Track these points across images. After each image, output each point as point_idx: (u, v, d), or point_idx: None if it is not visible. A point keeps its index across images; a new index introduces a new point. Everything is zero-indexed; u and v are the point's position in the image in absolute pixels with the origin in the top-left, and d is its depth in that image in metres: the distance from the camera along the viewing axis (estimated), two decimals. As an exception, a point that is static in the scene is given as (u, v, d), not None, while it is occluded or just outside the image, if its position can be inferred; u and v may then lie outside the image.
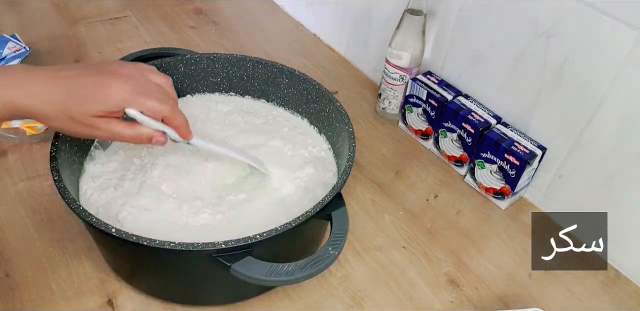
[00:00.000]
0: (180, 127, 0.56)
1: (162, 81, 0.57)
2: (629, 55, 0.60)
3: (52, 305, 0.64)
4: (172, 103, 0.55)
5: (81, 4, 1.16)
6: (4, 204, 0.74)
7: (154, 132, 0.55)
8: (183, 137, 0.58)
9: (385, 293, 0.68)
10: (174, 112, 0.55)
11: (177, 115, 0.56)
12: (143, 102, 0.53)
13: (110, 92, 0.51)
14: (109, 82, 0.52)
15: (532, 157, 0.72)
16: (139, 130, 0.54)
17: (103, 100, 0.51)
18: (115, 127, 0.53)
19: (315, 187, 0.67)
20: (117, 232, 0.52)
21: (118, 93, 0.51)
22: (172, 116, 0.55)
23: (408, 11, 0.79)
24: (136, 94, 0.52)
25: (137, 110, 0.53)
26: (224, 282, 0.59)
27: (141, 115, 0.53)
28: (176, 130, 0.56)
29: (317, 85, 0.72)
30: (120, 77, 0.52)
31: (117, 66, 0.54)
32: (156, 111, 0.54)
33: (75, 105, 0.51)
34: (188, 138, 0.58)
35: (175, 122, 0.56)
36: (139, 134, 0.54)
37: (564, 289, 0.70)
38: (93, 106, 0.51)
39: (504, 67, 0.75)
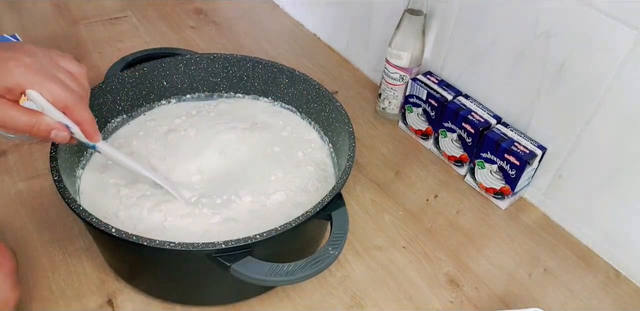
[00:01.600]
0: (83, 122, 0.49)
1: (76, 70, 0.51)
2: (629, 55, 0.60)
3: (52, 305, 0.64)
4: (79, 94, 0.49)
5: (81, 4, 1.16)
6: (4, 204, 0.74)
7: (55, 123, 0.48)
8: (87, 137, 0.51)
9: (385, 293, 0.68)
10: (79, 104, 0.49)
11: (81, 109, 0.49)
12: (43, 84, 0.46)
13: (7, 65, 0.45)
14: (9, 55, 0.46)
15: (532, 157, 0.72)
16: (37, 119, 0.47)
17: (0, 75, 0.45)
18: (8, 110, 0.46)
19: (315, 186, 0.67)
20: (117, 232, 0.52)
21: (17, 67, 0.45)
22: (76, 108, 0.48)
23: (408, 11, 0.79)
24: (37, 71, 0.46)
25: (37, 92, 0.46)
26: (224, 282, 0.59)
27: (42, 99, 0.47)
28: (78, 126, 0.50)
29: (317, 85, 0.72)
30: (23, 51, 0.47)
31: (21, 43, 0.49)
32: (58, 97, 0.47)
33: None
34: (93, 140, 0.52)
35: (78, 115, 0.49)
36: (36, 123, 0.47)
37: (564, 289, 0.70)
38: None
39: (504, 67, 0.75)
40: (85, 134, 0.51)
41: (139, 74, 0.72)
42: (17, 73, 0.46)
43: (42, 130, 0.48)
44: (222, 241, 0.52)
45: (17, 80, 0.46)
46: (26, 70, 0.46)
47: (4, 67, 0.45)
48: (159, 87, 0.75)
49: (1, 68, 0.46)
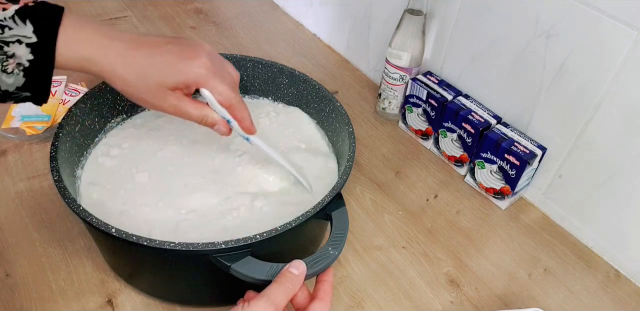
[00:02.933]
0: (244, 118, 0.56)
1: (235, 74, 0.57)
2: (629, 55, 0.60)
3: (52, 305, 0.64)
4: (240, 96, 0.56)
5: (81, 4, 1.16)
6: (4, 204, 0.74)
7: (219, 119, 0.55)
8: (246, 131, 0.58)
9: (385, 293, 0.68)
10: (241, 104, 0.55)
11: (243, 107, 0.56)
12: (217, 84, 0.52)
13: (192, 64, 0.51)
14: (192, 54, 0.51)
15: (532, 157, 0.72)
16: (206, 112, 0.54)
17: (184, 72, 0.51)
18: (185, 104, 0.52)
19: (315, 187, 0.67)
20: (117, 232, 0.52)
21: (199, 67, 0.51)
22: (239, 106, 0.55)
23: (408, 11, 0.79)
24: (214, 73, 0.52)
25: (210, 91, 0.52)
26: (224, 282, 0.59)
27: (213, 98, 0.53)
28: (239, 122, 0.56)
29: (317, 85, 0.72)
30: (204, 53, 0.52)
31: (200, 43, 0.54)
32: (226, 97, 0.53)
33: (155, 72, 0.50)
34: (251, 132, 0.58)
35: (240, 113, 0.56)
36: (204, 116, 0.54)
37: (564, 289, 0.70)
38: (173, 76, 0.50)
39: (504, 67, 0.75)
40: (244, 129, 0.57)
41: (139, 74, 0.72)
42: (197, 72, 0.51)
43: (208, 122, 0.55)
44: (222, 242, 0.52)
45: (197, 79, 0.51)
46: (205, 70, 0.51)
47: (187, 65, 0.51)
48: (159, 87, 0.75)
49: (184, 65, 0.51)
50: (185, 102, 0.53)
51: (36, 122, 0.84)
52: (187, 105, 0.53)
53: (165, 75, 0.50)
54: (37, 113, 0.85)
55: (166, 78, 0.50)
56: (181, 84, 0.51)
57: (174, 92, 0.52)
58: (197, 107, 0.53)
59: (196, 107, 0.53)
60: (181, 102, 0.52)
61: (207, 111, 0.54)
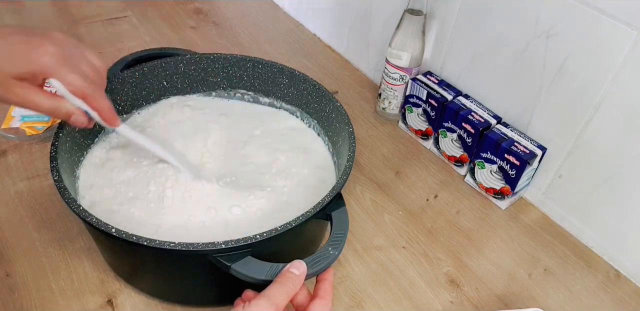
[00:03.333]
0: (102, 109, 0.54)
1: (98, 63, 0.54)
2: (629, 55, 0.60)
3: (52, 305, 0.64)
4: (97, 84, 0.53)
5: (81, 4, 1.16)
6: (4, 204, 0.74)
7: (75, 109, 0.52)
8: (107, 122, 0.55)
9: (385, 293, 0.68)
10: (97, 93, 0.53)
11: (99, 97, 0.53)
12: (67, 73, 0.50)
13: (37, 52, 0.48)
14: (38, 42, 0.49)
15: (532, 157, 0.72)
16: (59, 103, 0.51)
17: (27, 60, 0.48)
18: (33, 94, 0.50)
19: (314, 187, 0.67)
20: (117, 232, 0.52)
21: (44, 55, 0.48)
22: (94, 96, 0.52)
23: (408, 11, 0.79)
24: (61, 61, 0.49)
25: (58, 80, 0.49)
26: (224, 282, 0.59)
27: (63, 87, 0.50)
28: (98, 113, 0.54)
29: (317, 85, 0.72)
30: (52, 41, 0.50)
31: (53, 32, 0.52)
32: (77, 86, 0.51)
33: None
34: (113, 125, 0.56)
35: (96, 103, 0.53)
36: (57, 107, 0.51)
37: (564, 289, 0.70)
38: (15, 65, 0.48)
39: (504, 67, 0.75)
40: (105, 121, 0.55)
41: (139, 74, 0.72)
42: (43, 61, 0.48)
43: (62, 113, 0.52)
44: (222, 242, 0.52)
45: (42, 68, 0.49)
46: (52, 58, 0.49)
47: (32, 53, 0.48)
48: (159, 87, 0.75)
49: (28, 54, 0.48)
50: (34, 91, 0.50)
51: (36, 122, 0.84)
52: (35, 95, 0.50)
53: (8, 64, 0.48)
54: (37, 113, 0.85)
55: (9, 68, 0.48)
56: (25, 73, 0.48)
57: (21, 82, 0.49)
58: (49, 97, 0.50)
59: (47, 97, 0.50)
60: (28, 92, 0.49)
61: (59, 102, 0.51)
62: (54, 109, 0.51)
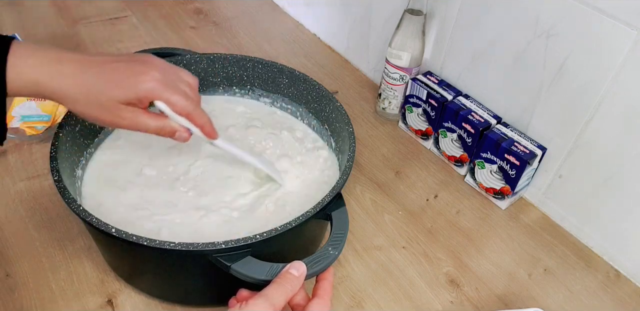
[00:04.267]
0: (204, 125, 0.57)
1: (192, 81, 0.57)
2: (629, 55, 0.60)
3: (52, 305, 0.64)
4: (197, 102, 0.56)
5: (81, 4, 1.16)
6: (4, 204, 0.74)
7: (178, 126, 0.56)
8: (208, 136, 0.58)
9: (385, 293, 0.68)
10: (198, 110, 0.56)
11: (201, 114, 0.56)
12: (170, 95, 0.53)
13: (142, 79, 0.51)
14: (141, 69, 0.52)
15: (532, 157, 0.72)
16: (164, 123, 0.55)
17: (134, 86, 0.51)
18: (140, 117, 0.53)
19: (315, 187, 0.67)
20: (117, 232, 0.52)
21: (149, 81, 0.52)
22: (196, 114, 0.55)
23: (408, 11, 0.79)
24: (165, 85, 0.52)
25: (164, 102, 0.53)
26: (224, 282, 0.59)
27: (168, 109, 0.53)
28: (200, 129, 0.57)
29: (317, 85, 0.72)
30: (153, 66, 0.53)
31: (150, 57, 0.55)
32: (181, 106, 0.54)
33: (104, 89, 0.51)
34: (213, 138, 0.59)
35: (199, 120, 0.56)
36: (162, 126, 0.55)
37: (564, 289, 0.70)
38: (122, 91, 0.51)
39: (504, 67, 0.75)
40: (206, 135, 0.58)
41: (139, 74, 0.72)
42: (148, 87, 0.52)
43: (167, 132, 0.55)
44: (222, 242, 0.52)
45: (148, 94, 0.52)
46: (156, 84, 0.52)
47: (138, 81, 0.51)
48: (159, 87, 0.75)
49: (135, 81, 0.51)
50: (141, 114, 0.53)
51: (36, 122, 0.84)
52: (142, 117, 0.53)
53: (116, 91, 0.51)
54: (37, 113, 0.85)
55: (117, 94, 0.51)
56: (133, 99, 0.52)
57: (128, 107, 0.52)
58: (154, 117, 0.54)
59: (153, 118, 0.54)
60: (136, 115, 0.53)
61: (164, 121, 0.55)
62: (160, 128, 0.55)
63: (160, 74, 0.53)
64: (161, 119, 0.55)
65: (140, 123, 0.53)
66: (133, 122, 0.53)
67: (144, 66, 0.52)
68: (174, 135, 0.56)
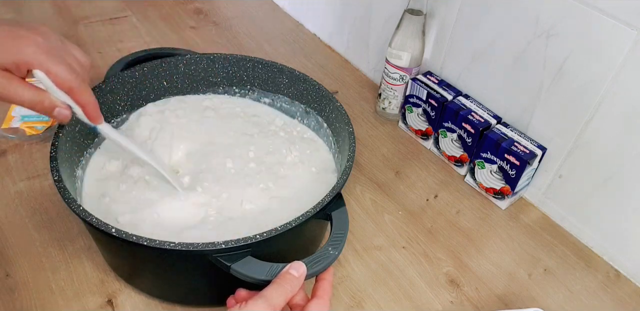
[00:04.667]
0: (87, 104, 0.51)
1: (82, 58, 0.52)
2: (629, 55, 0.60)
3: (52, 305, 0.64)
4: (83, 78, 0.51)
5: (81, 4, 1.16)
6: (4, 204, 0.74)
7: (58, 102, 0.50)
8: (90, 118, 0.53)
9: (385, 293, 0.68)
10: (83, 87, 0.50)
11: (86, 91, 0.51)
12: (52, 64, 0.48)
13: (20, 42, 0.47)
14: (23, 33, 0.47)
15: (532, 157, 0.72)
16: (42, 96, 0.49)
17: (10, 49, 0.46)
18: (15, 86, 0.47)
19: (315, 186, 0.67)
20: (117, 232, 0.52)
21: (28, 45, 0.47)
22: (80, 90, 0.50)
23: (408, 11, 0.79)
24: (47, 53, 0.48)
25: (43, 72, 0.47)
26: (224, 282, 0.59)
27: (48, 79, 0.48)
28: (82, 108, 0.52)
29: (317, 85, 0.72)
30: (37, 31, 0.48)
31: (40, 25, 0.50)
32: (64, 78, 0.49)
33: None
34: (96, 122, 0.54)
35: (82, 97, 0.51)
36: (40, 100, 0.49)
37: (564, 289, 0.70)
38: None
39: (504, 67, 0.75)
40: (88, 116, 0.53)
41: (139, 74, 0.72)
42: (28, 51, 0.47)
43: (45, 107, 0.49)
44: (222, 242, 0.52)
45: (26, 58, 0.47)
46: (37, 49, 0.47)
47: (16, 44, 0.47)
48: (159, 87, 0.75)
49: (13, 44, 0.47)
50: (15, 82, 0.47)
51: (36, 122, 0.84)
52: (16, 85, 0.47)
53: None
54: (37, 114, 0.85)
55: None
56: (10, 64, 0.46)
57: (2, 72, 0.47)
58: (31, 88, 0.48)
59: (29, 89, 0.48)
60: (10, 82, 0.47)
61: (42, 94, 0.49)
62: (36, 102, 0.49)
63: (44, 40, 0.48)
64: (40, 91, 0.49)
65: (12, 92, 0.47)
66: (4, 89, 0.47)
67: (28, 31, 0.48)
68: (52, 110, 0.50)
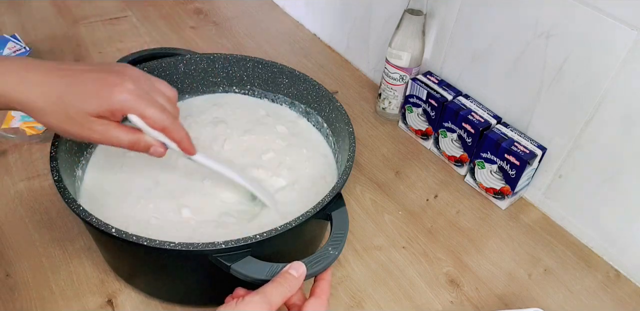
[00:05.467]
0: (182, 140, 0.54)
1: (170, 94, 0.55)
2: (629, 55, 0.60)
3: (52, 305, 0.64)
4: (174, 116, 0.53)
5: (81, 4, 1.16)
6: (4, 204, 0.74)
7: (153, 140, 0.53)
8: (185, 152, 0.56)
9: (385, 293, 0.68)
10: (175, 124, 0.53)
11: (178, 128, 0.53)
12: (145, 108, 0.50)
13: (113, 90, 0.49)
14: (113, 80, 0.49)
15: (532, 157, 0.72)
16: (138, 137, 0.52)
17: (105, 98, 0.49)
18: (112, 130, 0.50)
19: (315, 186, 0.67)
20: (117, 232, 0.52)
21: (121, 92, 0.49)
22: (173, 128, 0.53)
23: (408, 11, 0.79)
24: (139, 97, 0.50)
25: (138, 115, 0.50)
26: (224, 282, 0.59)
27: (142, 123, 0.51)
28: (177, 144, 0.54)
29: (317, 85, 0.72)
30: (126, 77, 0.50)
31: (124, 67, 0.52)
32: (157, 119, 0.51)
33: (74, 100, 0.48)
34: (191, 153, 0.56)
35: (176, 134, 0.53)
36: (136, 141, 0.52)
37: (564, 289, 0.70)
38: (93, 103, 0.48)
39: (504, 67, 0.75)
40: (183, 150, 0.55)
41: (139, 74, 0.72)
42: (122, 99, 0.49)
43: (142, 146, 0.53)
44: (222, 242, 0.52)
45: (121, 105, 0.49)
46: (129, 96, 0.49)
47: (110, 92, 0.49)
48: (159, 87, 0.75)
49: (108, 92, 0.49)
50: (113, 128, 0.50)
51: (36, 122, 0.84)
52: (114, 131, 0.50)
53: (87, 103, 0.48)
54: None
55: (88, 106, 0.48)
56: (105, 112, 0.49)
57: (99, 120, 0.49)
58: (127, 131, 0.51)
59: (126, 132, 0.51)
60: (108, 129, 0.50)
61: (138, 135, 0.52)
62: (134, 143, 0.52)
63: (135, 86, 0.50)
64: (135, 133, 0.52)
65: (112, 137, 0.50)
66: (104, 136, 0.50)
67: (117, 77, 0.50)
68: (148, 149, 0.53)
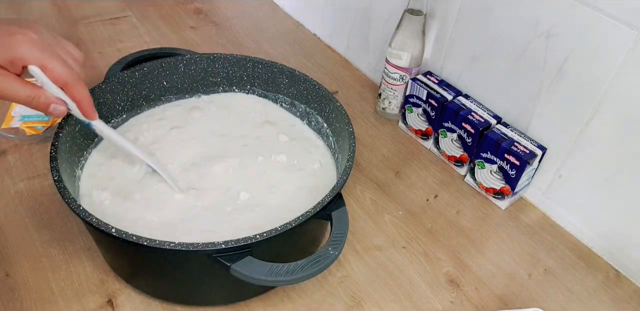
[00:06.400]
0: (82, 100, 0.52)
1: (77, 54, 0.53)
2: (629, 55, 0.60)
3: (52, 305, 0.64)
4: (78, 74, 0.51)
5: (81, 4, 1.16)
6: (4, 204, 0.74)
7: (54, 98, 0.50)
8: (85, 114, 0.53)
9: (385, 293, 0.68)
10: (78, 82, 0.50)
11: (80, 87, 0.51)
12: (47, 59, 0.48)
13: (14, 39, 0.47)
14: (17, 30, 0.48)
15: (532, 157, 0.72)
16: (37, 92, 0.49)
17: (6, 47, 0.47)
18: (10, 82, 0.48)
19: (315, 187, 0.67)
20: (117, 232, 0.52)
21: (23, 41, 0.47)
22: (75, 86, 0.50)
23: (408, 11, 0.79)
24: (42, 49, 0.48)
25: (39, 67, 0.48)
26: (224, 282, 0.59)
27: (43, 75, 0.48)
28: (77, 103, 0.52)
29: (317, 85, 0.72)
30: (31, 29, 0.48)
31: (32, 23, 0.50)
32: (60, 73, 0.49)
33: None
34: (90, 118, 0.54)
35: (77, 93, 0.51)
36: (35, 96, 0.49)
37: (564, 289, 0.70)
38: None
39: (504, 67, 0.75)
40: (83, 112, 0.53)
41: (139, 74, 0.72)
42: (23, 48, 0.47)
43: (41, 103, 0.49)
44: (222, 242, 0.52)
45: (21, 55, 0.47)
46: (31, 46, 0.47)
47: (10, 41, 0.47)
48: (159, 87, 0.75)
49: (7, 41, 0.47)
50: (10, 79, 0.48)
51: (36, 122, 0.84)
52: (12, 82, 0.48)
53: None
54: (37, 113, 0.85)
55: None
56: (3, 61, 0.47)
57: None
58: (26, 85, 0.49)
59: (25, 85, 0.48)
60: (5, 79, 0.48)
61: (39, 91, 0.49)
62: (32, 98, 0.49)
63: (38, 37, 0.48)
64: (35, 88, 0.49)
65: (8, 89, 0.48)
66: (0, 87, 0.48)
67: (21, 28, 0.48)
68: (48, 107, 0.50)
